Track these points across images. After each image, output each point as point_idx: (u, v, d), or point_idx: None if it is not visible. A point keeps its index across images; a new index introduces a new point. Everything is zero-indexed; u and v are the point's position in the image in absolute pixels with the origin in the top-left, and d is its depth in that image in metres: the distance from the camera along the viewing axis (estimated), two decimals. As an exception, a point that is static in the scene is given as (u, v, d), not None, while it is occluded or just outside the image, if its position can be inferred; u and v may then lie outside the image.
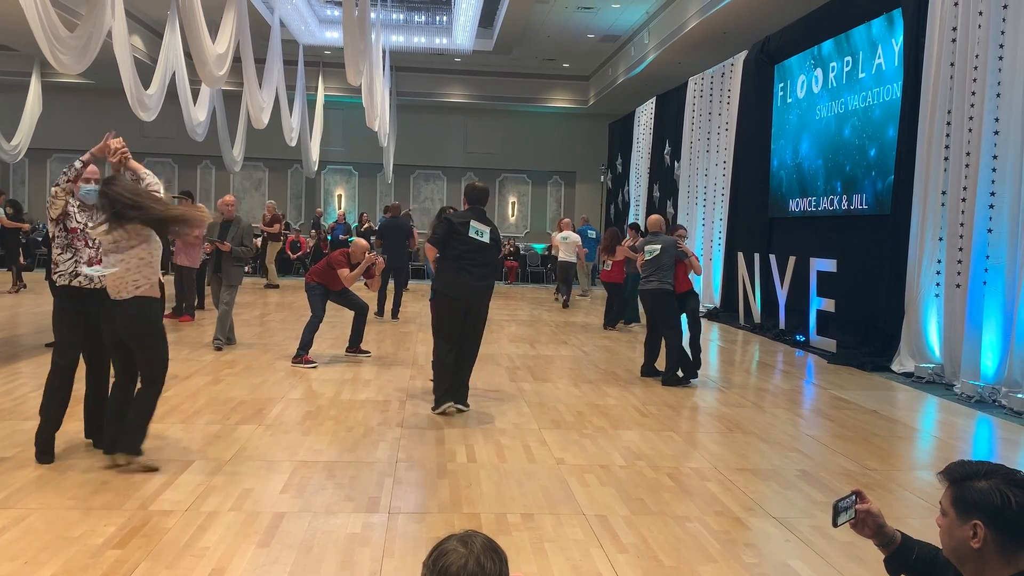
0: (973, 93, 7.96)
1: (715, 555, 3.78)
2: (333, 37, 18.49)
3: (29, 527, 3.81)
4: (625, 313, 12.51)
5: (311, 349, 8.30)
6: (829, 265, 10.31)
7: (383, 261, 8.76)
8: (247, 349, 9.06)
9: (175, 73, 11.98)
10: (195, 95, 13.57)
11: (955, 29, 8.30)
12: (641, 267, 8.34)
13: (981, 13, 7.88)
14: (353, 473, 4.82)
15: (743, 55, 13.88)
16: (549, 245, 20.69)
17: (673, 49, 15.89)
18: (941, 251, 8.50)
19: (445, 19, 19.19)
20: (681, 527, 4.12)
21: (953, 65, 8.34)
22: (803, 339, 10.87)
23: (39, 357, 7.81)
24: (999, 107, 7.58)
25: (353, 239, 9.48)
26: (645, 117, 19.62)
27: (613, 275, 12.25)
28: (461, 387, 6.46)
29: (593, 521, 4.15)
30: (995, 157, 7.61)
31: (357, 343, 8.84)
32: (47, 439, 4.80)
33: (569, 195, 24.89)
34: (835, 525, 2.19)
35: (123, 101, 10.57)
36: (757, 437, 6.01)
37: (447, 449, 5.39)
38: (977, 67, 7.92)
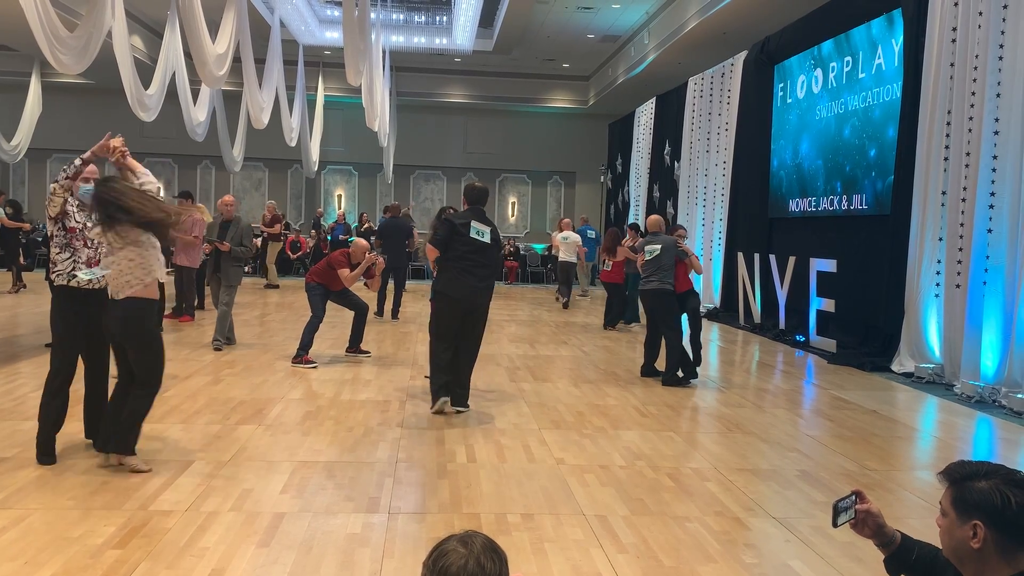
0: (973, 93, 7.96)
1: (715, 555, 3.78)
2: (333, 37, 18.49)
3: (29, 527, 3.81)
4: (625, 313, 12.52)
5: (311, 349, 8.30)
6: (829, 265, 10.31)
7: (383, 261, 8.75)
8: (247, 349, 9.06)
9: (175, 73, 11.97)
10: (195, 95, 13.56)
11: (955, 29, 8.30)
12: (641, 267, 8.34)
13: (981, 13, 7.88)
14: (353, 473, 4.82)
15: (743, 55, 13.88)
16: (549, 245, 20.70)
17: (673, 49, 15.89)
18: (941, 251, 8.50)
19: (445, 19, 19.19)
20: (681, 527, 4.12)
21: (953, 65, 8.34)
22: (803, 339, 10.87)
23: (39, 357, 7.81)
24: (999, 107, 7.58)
25: (353, 239, 9.48)
26: (645, 117, 19.62)
27: (613, 275, 12.25)
28: (461, 388, 6.47)
29: (593, 521, 4.15)
30: (995, 157, 7.61)
31: (357, 343, 8.84)
32: (48, 441, 4.79)
33: (569, 195, 24.88)
34: (835, 525, 2.19)
35: (123, 101, 10.57)
36: (757, 437, 6.01)
37: (447, 449, 5.40)
38: (977, 67, 7.92)
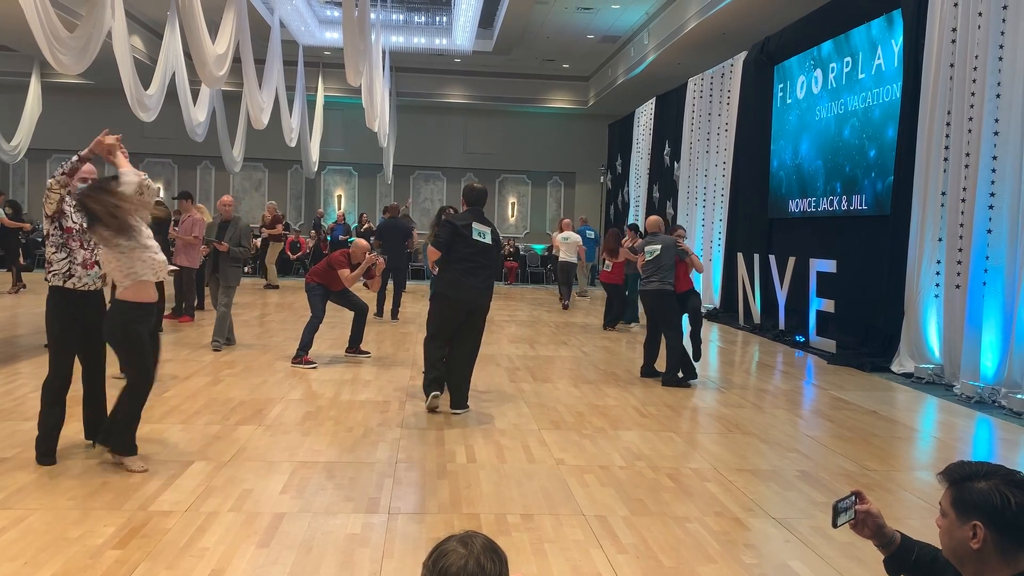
0: (973, 94, 7.96)
1: (715, 556, 3.78)
2: (333, 38, 18.50)
3: (29, 528, 3.81)
4: (625, 314, 12.52)
5: (311, 350, 8.30)
6: (829, 266, 10.32)
7: (383, 262, 8.75)
8: (247, 350, 9.06)
9: (175, 73, 11.98)
10: (195, 95, 13.57)
11: (955, 30, 8.30)
12: (642, 268, 8.34)
13: (981, 14, 7.89)
14: (353, 474, 4.82)
15: (743, 56, 13.88)
16: (549, 246, 20.69)
17: (673, 50, 15.89)
18: (941, 252, 8.51)
19: (445, 20, 19.19)
20: (681, 528, 4.12)
21: (953, 66, 8.34)
22: (803, 340, 10.87)
23: (39, 357, 7.81)
24: (999, 108, 7.59)
25: (353, 239, 9.48)
26: (645, 118, 19.62)
27: (613, 276, 12.25)
28: (460, 390, 6.47)
29: (593, 522, 4.15)
30: (995, 158, 7.61)
31: (357, 344, 8.84)
32: (49, 444, 4.78)
33: (569, 196, 24.88)
34: (835, 526, 2.19)
35: (123, 101, 10.57)
36: (757, 438, 6.01)
37: (447, 450, 5.40)
38: (977, 68, 7.92)
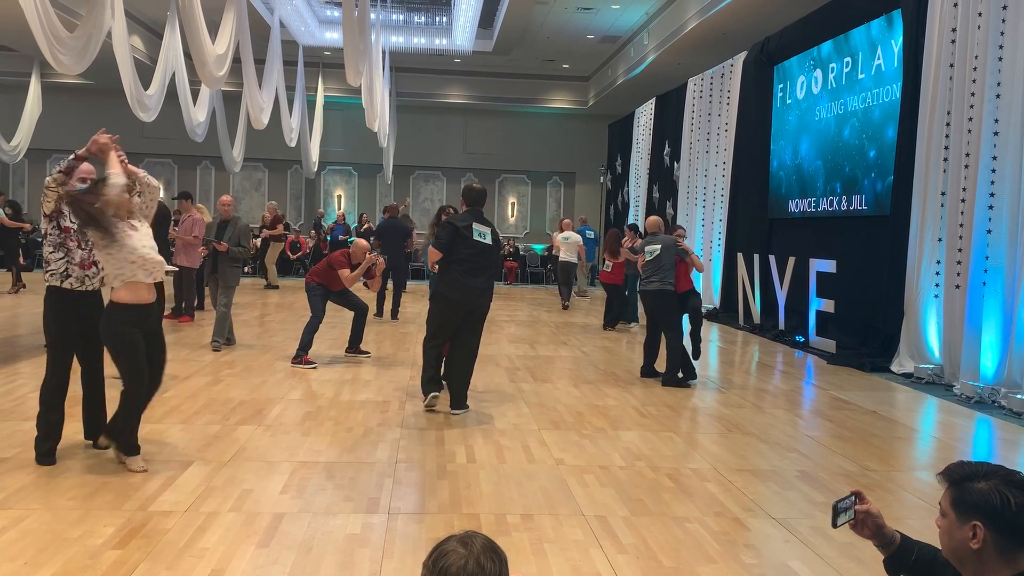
0: (972, 94, 7.96)
1: (715, 556, 3.78)
2: (333, 38, 18.50)
3: (28, 528, 3.81)
4: (625, 313, 12.53)
5: (311, 350, 8.30)
6: (828, 266, 10.32)
7: (383, 262, 8.75)
8: (247, 350, 9.06)
9: (175, 74, 11.97)
10: (195, 96, 13.57)
11: (954, 30, 8.30)
12: (642, 268, 8.34)
13: (980, 14, 7.89)
14: (353, 474, 4.82)
15: (743, 56, 13.88)
16: (549, 246, 20.69)
17: (673, 50, 15.89)
18: (940, 252, 8.51)
19: (445, 20, 19.19)
20: (681, 528, 4.12)
21: (952, 66, 8.34)
22: (802, 340, 10.87)
23: (39, 357, 7.80)
24: (998, 108, 7.59)
25: (353, 240, 9.47)
26: (645, 118, 19.62)
27: (612, 276, 12.25)
28: (460, 390, 6.47)
29: (593, 522, 4.16)
30: (994, 158, 7.62)
31: (357, 344, 8.84)
32: (48, 444, 4.77)
33: (569, 196, 24.89)
34: (834, 526, 2.19)
35: (123, 102, 10.57)
36: (757, 438, 6.02)
37: (447, 450, 5.40)
38: (976, 68, 7.92)
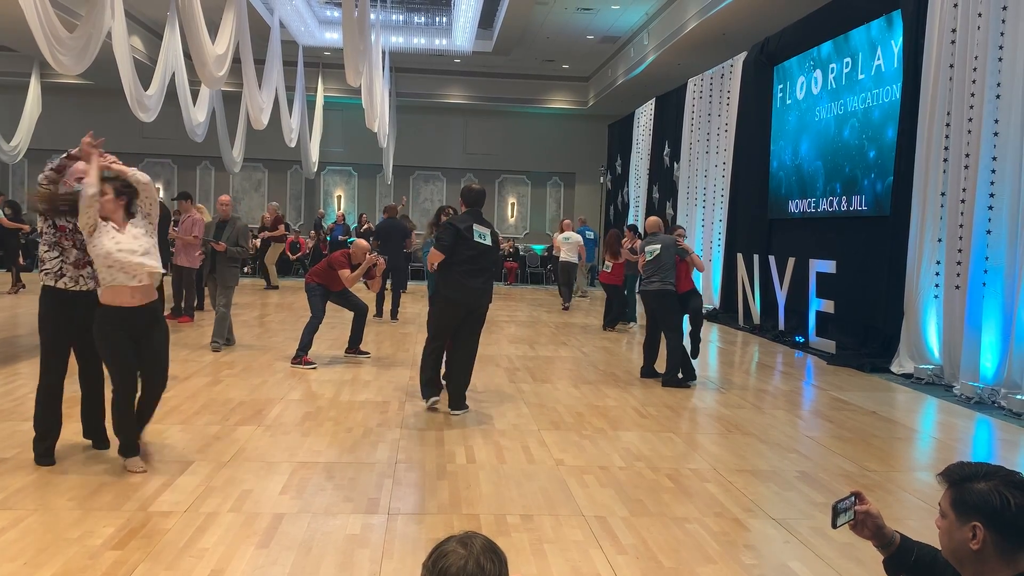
0: (972, 94, 7.96)
1: (714, 556, 3.78)
2: (333, 38, 18.50)
3: (28, 528, 3.81)
4: (624, 314, 12.53)
5: (310, 350, 8.30)
6: (828, 266, 10.32)
7: (384, 262, 8.75)
8: (246, 350, 9.06)
9: (175, 74, 11.97)
10: (195, 96, 13.56)
11: (954, 31, 8.30)
12: (642, 268, 8.33)
13: (980, 15, 7.88)
14: (352, 474, 4.82)
15: (742, 56, 13.88)
16: (549, 246, 20.69)
17: (672, 50, 15.89)
18: (940, 252, 8.50)
19: (444, 20, 19.19)
20: (680, 528, 4.12)
21: (952, 67, 8.34)
22: (802, 340, 10.87)
23: (38, 358, 7.79)
24: (998, 108, 7.59)
25: (353, 240, 9.47)
26: (644, 118, 19.62)
27: (612, 277, 12.25)
28: (460, 390, 6.47)
29: (592, 522, 4.15)
30: (994, 159, 7.61)
31: (356, 344, 8.84)
32: (47, 445, 4.77)
33: (568, 196, 24.88)
34: (834, 526, 2.19)
35: (123, 102, 10.57)
36: (756, 438, 6.01)
37: (446, 450, 5.39)
38: (976, 68, 7.92)
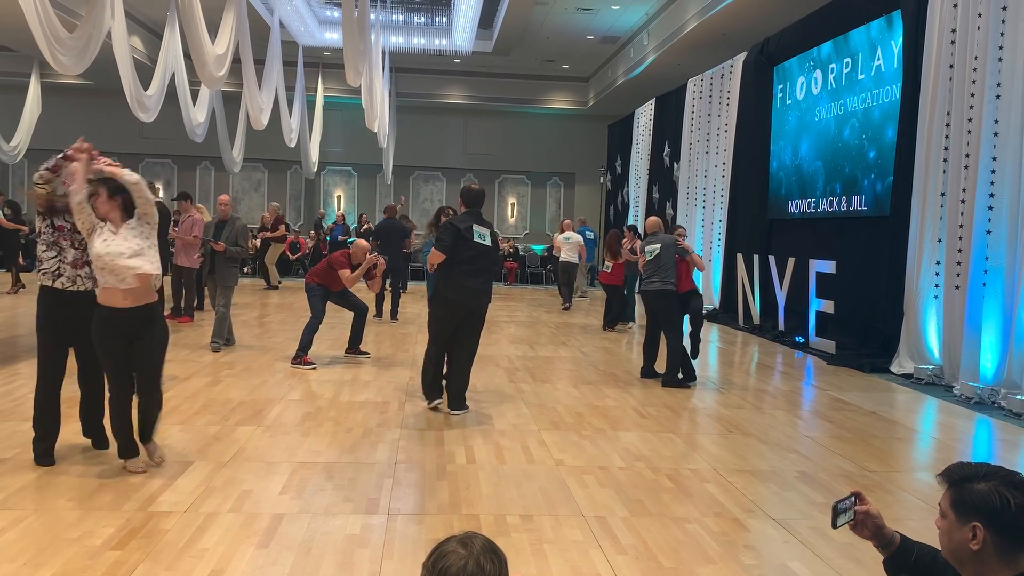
0: (972, 95, 7.96)
1: (714, 556, 3.78)
2: (332, 38, 18.50)
3: (28, 528, 3.81)
4: (623, 314, 12.54)
5: (310, 350, 8.30)
6: (828, 266, 10.32)
7: (384, 262, 8.75)
8: (246, 350, 9.06)
9: (175, 74, 11.97)
10: (194, 96, 13.56)
11: (954, 31, 8.30)
12: (643, 268, 8.32)
13: (980, 15, 7.89)
14: (352, 474, 4.82)
15: (742, 56, 13.88)
16: (549, 246, 20.69)
17: (672, 50, 15.89)
18: (940, 253, 8.51)
19: (444, 20, 19.19)
20: (680, 528, 4.12)
21: (952, 67, 8.34)
22: (802, 340, 10.87)
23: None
24: (998, 109, 7.59)
25: (352, 240, 9.46)
26: (644, 118, 19.62)
27: (612, 277, 12.25)
28: (459, 391, 6.48)
29: (592, 522, 4.15)
30: (994, 159, 7.62)
31: (356, 344, 8.84)
32: (46, 445, 4.76)
33: (568, 196, 24.88)
34: (834, 527, 2.19)
35: (123, 102, 10.57)
36: (756, 438, 6.01)
37: (446, 450, 5.39)
38: (976, 68, 7.92)
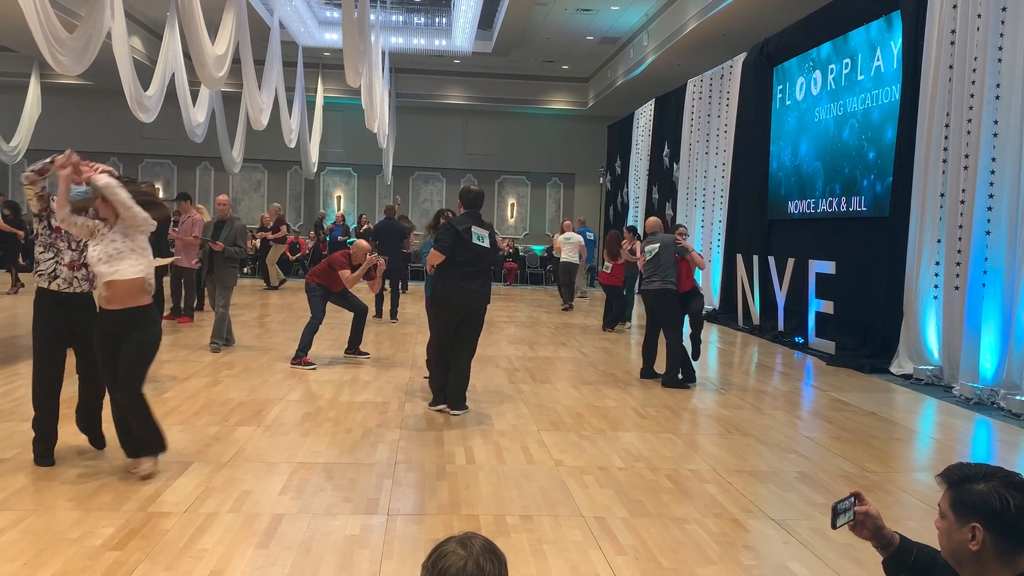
0: (972, 95, 7.96)
1: (714, 557, 3.78)
2: (332, 39, 18.50)
3: (28, 528, 3.81)
4: (622, 314, 12.54)
5: (310, 350, 8.30)
6: (828, 267, 10.32)
7: (384, 262, 8.75)
8: (246, 350, 9.06)
9: (174, 74, 11.97)
10: (194, 96, 13.56)
11: (954, 31, 8.30)
12: (643, 268, 8.31)
13: (980, 16, 7.89)
14: (352, 475, 4.82)
15: (742, 57, 13.89)
16: (549, 247, 20.68)
17: (672, 51, 15.90)
18: (940, 253, 8.51)
19: (444, 21, 19.20)
20: (680, 529, 4.12)
21: (952, 67, 8.34)
22: (802, 341, 10.87)
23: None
24: (998, 109, 7.59)
25: (352, 240, 9.46)
26: (644, 119, 19.62)
27: (612, 277, 12.25)
28: (459, 391, 6.48)
29: (592, 523, 4.15)
30: (994, 159, 7.62)
31: (356, 344, 8.84)
32: (46, 445, 4.76)
33: (568, 197, 24.88)
34: (834, 527, 2.19)
35: (122, 102, 10.57)
36: (756, 439, 6.01)
37: (446, 451, 5.39)
38: (976, 69, 7.92)
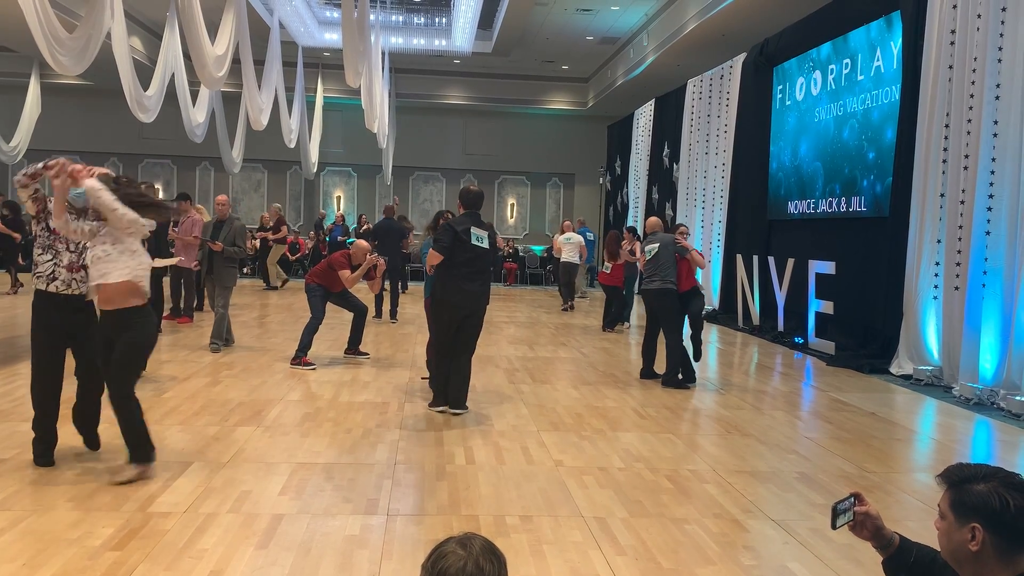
0: (971, 96, 7.96)
1: (714, 557, 3.78)
2: (332, 39, 18.49)
3: (27, 529, 3.81)
4: (623, 315, 12.54)
5: (310, 351, 8.30)
6: (828, 267, 10.32)
7: (384, 263, 8.75)
8: (246, 351, 9.06)
9: (174, 74, 11.97)
10: (194, 96, 13.56)
11: (954, 32, 8.30)
12: (643, 267, 8.31)
13: (980, 16, 7.89)
14: (352, 475, 4.82)
15: (742, 57, 13.89)
16: (549, 247, 20.68)
17: (672, 51, 15.90)
18: (940, 253, 8.51)
19: (444, 21, 19.20)
20: (680, 529, 4.12)
21: (952, 68, 8.35)
22: (802, 341, 10.87)
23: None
24: (998, 109, 7.59)
25: (352, 240, 9.46)
26: (644, 119, 19.62)
27: (612, 278, 12.25)
28: (459, 391, 6.48)
29: (592, 523, 4.15)
30: (993, 159, 7.62)
31: (356, 345, 8.84)
32: (45, 445, 4.76)
33: (568, 197, 24.88)
34: (834, 527, 2.19)
35: (122, 102, 10.57)
36: (756, 439, 6.01)
37: (446, 451, 5.39)
38: (976, 69, 7.92)
